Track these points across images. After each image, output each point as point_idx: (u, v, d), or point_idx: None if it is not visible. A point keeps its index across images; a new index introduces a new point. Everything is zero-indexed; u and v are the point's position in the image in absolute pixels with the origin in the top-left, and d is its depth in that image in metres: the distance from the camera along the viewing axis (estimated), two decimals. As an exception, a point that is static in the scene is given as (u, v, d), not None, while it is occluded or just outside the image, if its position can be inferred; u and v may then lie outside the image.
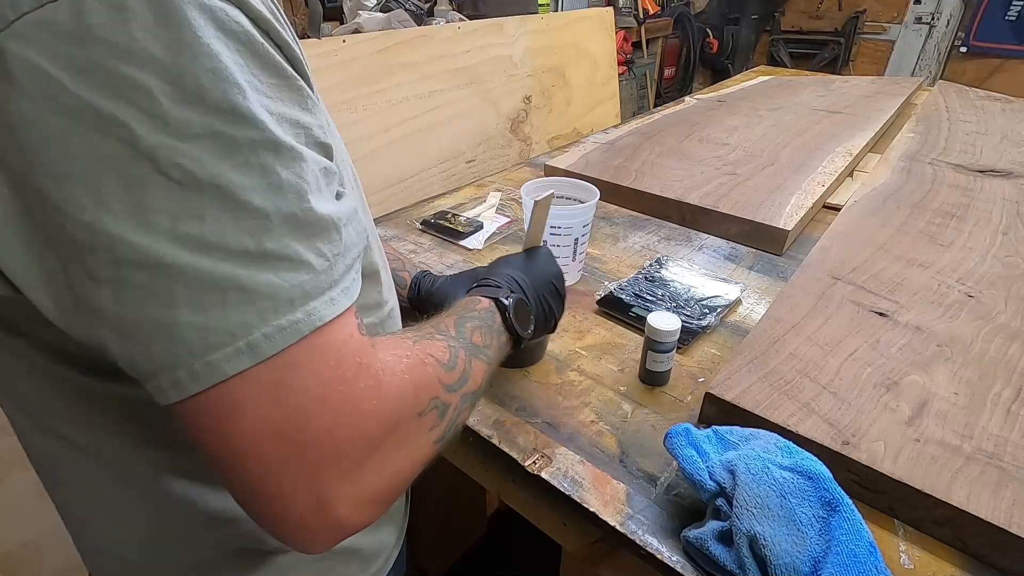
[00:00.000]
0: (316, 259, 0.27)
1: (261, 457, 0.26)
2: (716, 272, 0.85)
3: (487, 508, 1.38)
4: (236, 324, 0.25)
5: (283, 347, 0.26)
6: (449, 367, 0.37)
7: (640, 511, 0.50)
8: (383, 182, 1.12)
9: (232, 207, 0.25)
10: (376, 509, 0.31)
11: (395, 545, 0.53)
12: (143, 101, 0.23)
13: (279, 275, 0.26)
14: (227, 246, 0.24)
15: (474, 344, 0.41)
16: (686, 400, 0.62)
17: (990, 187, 1.04)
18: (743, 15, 3.94)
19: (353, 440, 0.28)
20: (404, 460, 0.32)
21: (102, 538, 0.42)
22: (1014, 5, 3.11)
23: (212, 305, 0.24)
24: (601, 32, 1.70)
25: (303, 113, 0.29)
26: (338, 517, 0.28)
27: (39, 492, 0.93)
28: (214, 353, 0.25)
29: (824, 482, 0.43)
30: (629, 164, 1.15)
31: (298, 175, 0.27)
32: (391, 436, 0.30)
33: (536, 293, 0.52)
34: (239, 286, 0.25)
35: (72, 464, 0.38)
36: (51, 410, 0.35)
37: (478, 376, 0.40)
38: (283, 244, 0.26)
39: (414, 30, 1.16)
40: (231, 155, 0.24)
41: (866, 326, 0.65)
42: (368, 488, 0.29)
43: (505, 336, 0.47)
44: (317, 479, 0.27)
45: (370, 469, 0.29)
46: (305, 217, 0.27)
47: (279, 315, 0.26)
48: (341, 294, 0.29)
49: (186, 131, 0.23)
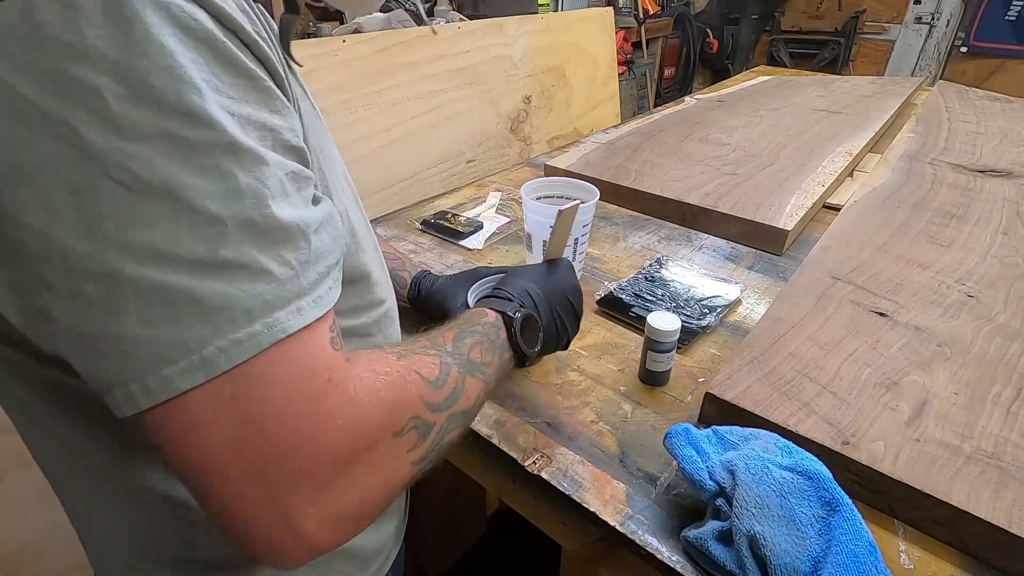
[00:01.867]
0: (278, 267, 0.26)
1: (222, 473, 0.25)
2: (716, 272, 0.85)
3: (487, 508, 1.38)
4: (190, 338, 0.24)
5: (240, 361, 0.25)
6: (436, 385, 0.35)
7: (640, 511, 0.50)
8: (383, 182, 1.12)
9: (185, 213, 0.23)
10: (350, 526, 0.30)
11: (394, 545, 0.53)
12: (93, 102, 0.22)
13: (235, 285, 0.25)
14: (178, 255, 0.23)
15: (471, 361, 0.40)
16: (686, 400, 0.62)
17: (990, 187, 1.04)
18: (743, 15, 3.94)
19: (318, 460, 0.27)
20: (377, 481, 0.30)
21: (100, 536, 0.42)
22: (1014, 5, 3.11)
23: (163, 319, 0.23)
24: (601, 32, 1.70)
25: (270, 115, 0.28)
26: (306, 536, 0.27)
27: (39, 492, 0.93)
28: (167, 368, 0.24)
29: (824, 482, 0.43)
30: (629, 164, 1.15)
31: (258, 179, 0.26)
32: (362, 456, 0.29)
33: (550, 309, 0.51)
34: (192, 298, 0.24)
35: (67, 463, 0.38)
36: (42, 409, 0.35)
37: (472, 395, 0.38)
38: (240, 252, 0.25)
39: (414, 30, 1.16)
40: (185, 158, 0.23)
41: (866, 326, 0.65)
42: (337, 508, 0.28)
43: (508, 353, 0.45)
44: (280, 497, 0.26)
45: (339, 489, 0.28)
46: (265, 223, 0.26)
47: (236, 328, 0.24)
48: (311, 304, 0.28)
49: (137, 133, 0.23)
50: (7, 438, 0.88)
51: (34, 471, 0.42)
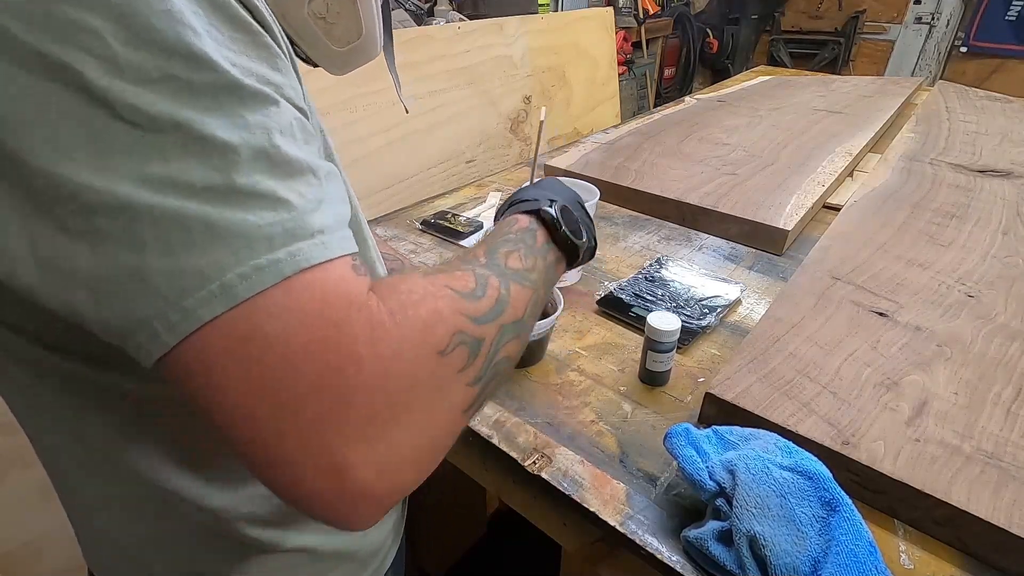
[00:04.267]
0: (297, 199, 0.25)
1: (252, 419, 0.24)
2: (716, 272, 0.85)
3: (487, 508, 1.38)
4: (209, 264, 0.23)
5: (260, 289, 0.23)
6: (474, 296, 0.32)
7: (640, 511, 0.50)
8: (383, 182, 1.12)
9: (195, 143, 0.23)
10: (412, 469, 0.27)
11: (392, 545, 0.53)
12: (94, 45, 0.22)
13: (254, 213, 0.24)
14: (193, 184, 0.23)
15: (511, 269, 0.36)
16: (686, 400, 0.62)
17: (990, 187, 1.04)
18: (743, 15, 3.94)
19: (354, 392, 0.25)
20: (432, 409, 0.28)
21: (98, 529, 0.42)
22: (1014, 5, 3.11)
23: (182, 247, 0.23)
24: (601, 32, 1.70)
25: (271, 71, 0.27)
26: (363, 484, 0.25)
27: (39, 492, 0.93)
28: (188, 298, 0.23)
29: (824, 482, 0.43)
30: (629, 164, 1.15)
31: (265, 116, 0.25)
32: (406, 384, 0.26)
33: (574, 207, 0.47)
34: (209, 225, 0.23)
35: (66, 451, 0.37)
36: (40, 397, 0.34)
37: (520, 304, 0.35)
38: (256, 181, 0.24)
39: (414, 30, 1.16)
40: (190, 97, 0.23)
41: (866, 326, 0.65)
42: (393, 448, 0.26)
43: (552, 254, 0.41)
44: (323, 441, 0.24)
45: (388, 425, 0.26)
46: (277, 155, 0.25)
47: (256, 254, 0.23)
48: (339, 241, 0.26)
49: (140, 75, 0.22)
50: (7, 438, 0.88)
51: (34, 471, 0.42)
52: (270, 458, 0.25)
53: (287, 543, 0.42)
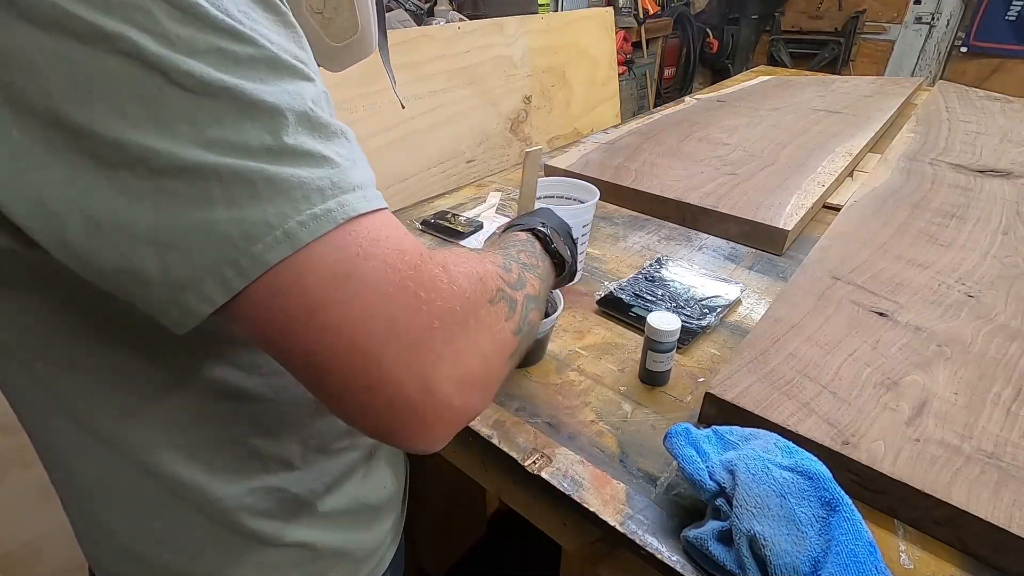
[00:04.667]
0: (338, 157, 0.28)
1: (355, 346, 0.27)
2: (716, 272, 0.85)
3: (487, 508, 1.38)
4: (272, 214, 0.25)
5: (320, 234, 0.26)
6: (506, 268, 0.38)
7: (640, 511, 0.50)
8: (383, 182, 1.13)
9: (246, 108, 0.25)
10: (479, 393, 0.32)
11: (390, 545, 0.53)
12: (143, 20, 0.23)
13: (304, 169, 0.26)
14: (248, 144, 0.25)
15: (524, 262, 0.42)
16: (686, 400, 0.62)
17: (990, 187, 1.04)
18: (743, 15, 3.94)
19: (438, 317, 0.29)
20: (491, 344, 0.33)
21: (96, 519, 0.41)
22: (1014, 5, 3.11)
23: (245, 198, 0.25)
24: (601, 32, 1.70)
25: (300, 50, 0.29)
26: (447, 398, 0.29)
27: (39, 492, 0.93)
28: (256, 244, 0.25)
29: (824, 482, 0.43)
30: (629, 164, 1.15)
31: (301, 87, 0.28)
32: (471, 316, 0.31)
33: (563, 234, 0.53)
34: (267, 178, 0.25)
35: (66, 435, 0.37)
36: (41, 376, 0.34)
37: (534, 285, 0.41)
38: (302, 141, 0.27)
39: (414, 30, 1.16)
40: (235, 68, 0.25)
41: (866, 326, 0.65)
42: (466, 368, 0.30)
43: (548, 261, 0.47)
44: (417, 359, 0.28)
45: (463, 348, 0.30)
46: (317, 119, 0.28)
47: (311, 204, 0.26)
48: (375, 196, 0.29)
49: (189, 46, 0.24)
50: (7, 438, 0.88)
51: (34, 471, 0.42)
52: (372, 380, 0.28)
53: (287, 537, 0.42)
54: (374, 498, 0.49)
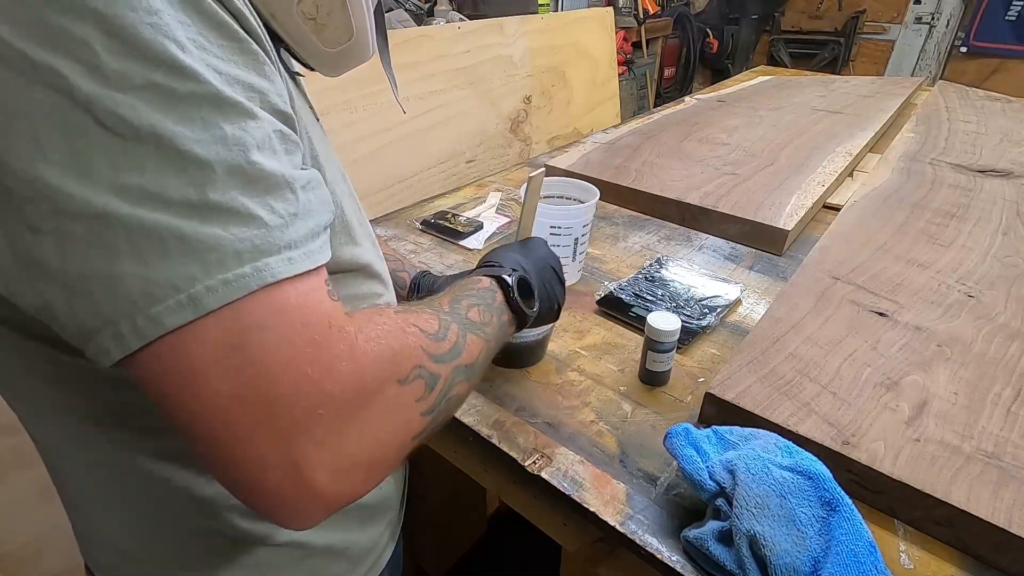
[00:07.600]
0: (268, 215, 0.26)
1: (226, 421, 0.25)
2: (716, 272, 0.85)
3: (487, 508, 1.38)
4: (179, 276, 0.24)
5: (228, 301, 0.25)
6: (437, 337, 0.35)
7: (640, 511, 0.50)
8: (383, 182, 1.12)
9: (173, 157, 0.24)
10: (362, 479, 0.30)
11: (388, 544, 0.53)
12: (81, 52, 0.23)
13: (225, 228, 0.25)
14: (168, 197, 0.24)
15: (470, 320, 0.40)
16: (686, 400, 0.62)
17: (990, 187, 1.04)
18: (743, 15, 3.94)
19: (325, 403, 0.27)
20: (388, 429, 0.31)
21: (92, 523, 0.42)
22: (1014, 5, 3.11)
23: (154, 256, 0.24)
24: (601, 32, 1.70)
25: (258, 78, 0.28)
26: (317, 486, 0.27)
27: (39, 492, 0.93)
28: (156, 306, 0.24)
29: (824, 482, 0.43)
30: (629, 164, 1.15)
31: (243, 130, 0.26)
32: (370, 402, 0.29)
33: (538, 276, 0.52)
34: (181, 237, 0.24)
35: (60, 441, 0.37)
36: (29, 389, 0.35)
37: (474, 350, 0.39)
38: (229, 196, 0.25)
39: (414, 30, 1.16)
40: (171, 107, 0.24)
41: (866, 326, 0.65)
42: (347, 455, 0.28)
43: (507, 315, 0.46)
44: (289, 444, 0.26)
45: (349, 435, 0.28)
46: (253, 171, 0.26)
47: (224, 268, 0.25)
48: (303, 256, 0.27)
49: (124, 82, 0.23)
50: (7, 438, 0.88)
51: (34, 471, 0.42)
52: (237, 457, 0.26)
53: (279, 536, 0.42)
54: (369, 497, 0.49)
